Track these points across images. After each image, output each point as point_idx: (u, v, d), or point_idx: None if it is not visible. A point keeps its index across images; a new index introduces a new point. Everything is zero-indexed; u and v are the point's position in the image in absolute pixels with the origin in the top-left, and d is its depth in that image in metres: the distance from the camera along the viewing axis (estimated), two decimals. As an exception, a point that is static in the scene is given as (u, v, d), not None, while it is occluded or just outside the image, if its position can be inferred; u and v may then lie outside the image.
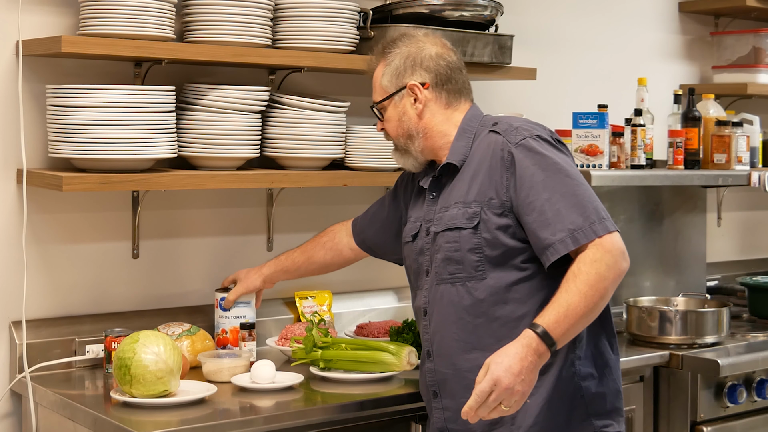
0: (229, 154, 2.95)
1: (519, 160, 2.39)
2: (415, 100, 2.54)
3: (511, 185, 2.39)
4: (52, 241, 2.96)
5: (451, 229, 2.46)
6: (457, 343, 2.45)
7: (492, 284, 2.41)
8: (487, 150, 2.46)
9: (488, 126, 2.51)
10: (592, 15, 4.19)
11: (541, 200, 2.34)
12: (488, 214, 2.41)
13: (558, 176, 2.35)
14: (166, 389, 2.56)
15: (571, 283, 2.26)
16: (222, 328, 3.06)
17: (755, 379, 3.46)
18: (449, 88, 2.56)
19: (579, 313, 2.25)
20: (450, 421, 2.49)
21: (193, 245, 3.22)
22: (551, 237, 2.32)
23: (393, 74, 2.56)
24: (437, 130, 2.55)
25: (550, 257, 2.33)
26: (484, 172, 2.44)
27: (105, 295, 3.06)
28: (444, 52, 2.57)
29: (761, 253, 4.79)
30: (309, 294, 3.35)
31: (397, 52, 2.56)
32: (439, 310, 2.49)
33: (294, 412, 2.58)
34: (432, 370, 2.52)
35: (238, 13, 2.93)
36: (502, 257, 2.41)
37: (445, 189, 2.54)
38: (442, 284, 2.48)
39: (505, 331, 2.39)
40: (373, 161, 3.22)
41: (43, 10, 2.91)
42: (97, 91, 2.73)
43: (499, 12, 3.38)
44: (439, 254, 2.48)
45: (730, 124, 4.08)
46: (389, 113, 2.58)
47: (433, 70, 2.54)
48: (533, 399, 2.39)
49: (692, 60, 4.55)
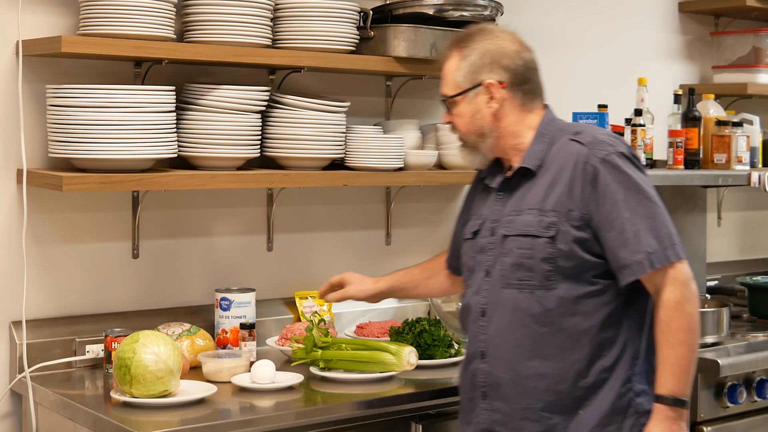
0: (229, 154, 2.95)
1: (603, 175, 2.37)
2: (490, 99, 2.48)
3: (593, 200, 2.37)
4: (52, 241, 2.96)
5: (524, 236, 2.42)
6: (519, 349, 2.42)
7: (561, 295, 2.39)
8: (568, 159, 2.42)
9: (568, 133, 2.47)
10: (592, 15, 4.19)
11: (622, 219, 2.34)
12: (566, 226, 2.38)
13: (638, 197, 2.36)
14: (166, 389, 2.56)
15: (668, 335, 2.33)
16: (222, 328, 3.06)
17: (755, 379, 3.46)
18: (525, 89, 2.50)
19: (689, 360, 2.34)
20: (498, 424, 2.46)
21: (193, 245, 3.22)
22: (629, 257, 2.34)
23: (469, 70, 2.48)
24: (510, 131, 2.50)
25: (627, 278, 2.35)
26: (564, 183, 2.41)
27: (105, 295, 3.06)
28: (522, 51, 2.51)
29: (761, 253, 4.79)
30: (309, 294, 3.35)
31: (475, 47, 2.48)
32: (502, 314, 2.45)
33: (294, 412, 2.58)
34: (485, 371, 2.48)
35: (238, 13, 2.93)
36: (574, 270, 2.39)
37: (516, 191, 2.49)
38: (509, 288, 2.44)
39: (569, 342, 2.39)
40: (373, 161, 3.22)
41: (43, 10, 2.91)
42: (97, 91, 2.73)
43: (499, 12, 3.38)
44: (509, 258, 2.44)
45: (730, 124, 4.08)
46: (461, 109, 2.52)
47: (511, 69, 2.48)
48: (589, 412, 2.39)
49: (692, 60, 4.55)
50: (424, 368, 2.97)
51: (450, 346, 3.07)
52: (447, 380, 2.90)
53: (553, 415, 2.40)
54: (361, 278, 2.93)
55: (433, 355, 3.03)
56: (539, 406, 2.40)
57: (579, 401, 2.39)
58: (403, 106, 3.63)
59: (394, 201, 3.61)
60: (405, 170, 3.33)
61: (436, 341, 3.03)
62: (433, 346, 3.03)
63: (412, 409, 2.77)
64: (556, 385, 2.39)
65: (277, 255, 3.37)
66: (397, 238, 3.64)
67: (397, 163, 3.27)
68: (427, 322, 3.07)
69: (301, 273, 3.43)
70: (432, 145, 3.50)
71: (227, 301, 3.07)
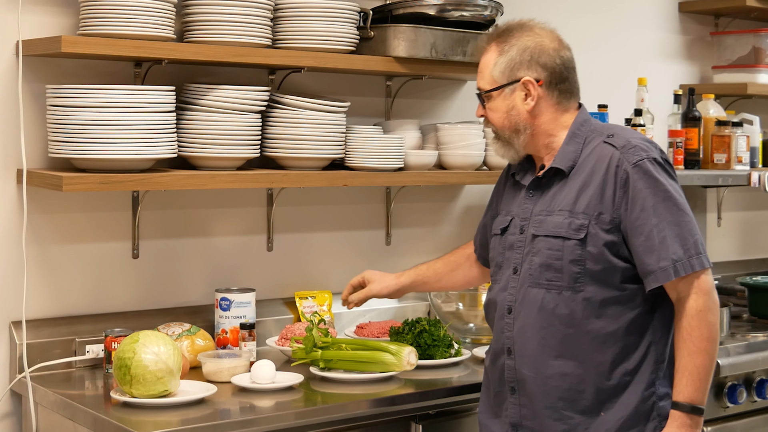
0: (229, 154, 2.95)
1: (634, 180, 2.38)
2: (526, 96, 2.48)
3: (623, 204, 2.39)
4: (52, 241, 2.96)
5: (554, 237, 2.43)
6: (543, 348, 2.44)
7: (588, 297, 2.40)
8: (601, 162, 2.43)
9: (602, 135, 2.48)
10: (591, 15, 4.19)
11: (650, 225, 2.36)
12: (596, 229, 2.40)
13: (666, 204, 2.37)
14: (166, 389, 2.56)
15: (689, 343, 2.35)
16: (222, 328, 3.06)
17: (755, 379, 3.46)
18: (562, 88, 2.50)
19: (707, 368, 2.36)
20: (526, 419, 2.48)
21: (193, 245, 3.22)
22: (655, 264, 2.35)
23: (507, 65, 2.49)
24: (544, 129, 2.51)
25: (652, 284, 2.37)
26: (596, 186, 2.42)
27: (105, 295, 3.06)
28: (561, 49, 2.51)
29: (761, 253, 4.79)
30: (309, 294, 3.35)
31: (514, 43, 2.49)
32: (528, 313, 2.46)
33: (294, 412, 2.58)
34: (512, 367, 2.50)
35: (238, 13, 2.93)
36: (602, 273, 2.40)
37: (547, 191, 2.50)
38: (536, 288, 2.45)
39: (594, 345, 2.41)
40: (373, 161, 3.22)
41: (43, 10, 2.91)
42: (97, 91, 2.73)
43: (499, 12, 3.38)
44: (537, 258, 2.46)
45: (730, 124, 4.08)
46: (496, 103, 2.52)
47: (549, 67, 2.48)
48: (611, 414, 2.41)
49: (692, 60, 4.55)
50: (424, 368, 2.97)
51: (450, 346, 3.07)
52: (447, 380, 2.90)
53: (574, 415, 2.42)
54: (382, 275, 2.94)
55: (433, 355, 3.03)
56: (561, 405, 2.42)
57: (601, 403, 2.41)
58: (403, 106, 3.63)
59: (394, 201, 3.61)
60: (405, 170, 3.33)
61: (436, 341, 3.03)
62: (433, 346, 3.03)
63: (412, 409, 2.77)
64: (579, 385, 2.41)
65: (277, 255, 3.37)
66: (397, 238, 3.64)
67: (397, 163, 3.27)
68: (427, 322, 3.07)
69: (301, 273, 3.43)
70: (432, 145, 3.50)
71: (227, 301, 3.07)
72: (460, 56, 3.30)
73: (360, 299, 2.95)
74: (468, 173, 3.47)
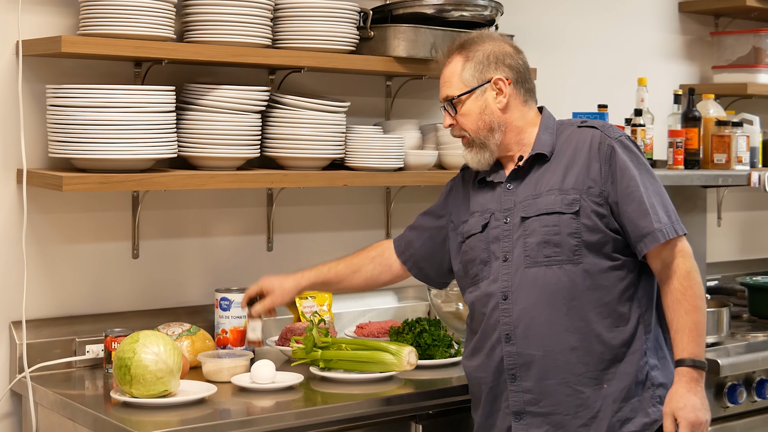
0: (229, 154, 2.95)
1: (618, 154, 2.54)
2: (498, 93, 2.61)
3: (609, 176, 2.53)
4: (52, 241, 2.96)
5: (548, 214, 2.54)
6: (550, 325, 2.51)
7: (587, 269, 2.51)
8: (582, 143, 2.58)
9: (573, 125, 2.65)
10: (592, 15, 4.18)
11: (639, 193, 2.51)
12: (587, 201, 2.52)
13: (647, 176, 2.56)
14: (166, 389, 2.56)
15: (684, 303, 2.50)
16: (222, 328, 3.06)
17: (755, 379, 3.46)
18: (527, 87, 2.66)
19: (703, 325, 2.51)
20: (530, 404, 2.53)
21: (193, 245, 3.22)
22: (650, 226, 2.50)
23: (476, 69, 2.61)
24: (515, 126, 2.63)
25: (649, 245, 2.50)
26: (581, 163, 2.56)
27: (105, 295, 3.06)
28: (519, 53, 2.67)
29: (761, 253, 4.79)
30: (309, 294, 3.34)
31: (478, 49, 2.63)
32: (529, 293, 2.53)
33: (294, 412, 2.58)
34: (513, 353, 2.54)
35: (238, 13, 2.93)
36: (597, 244, 2.52)
37: (527, 179, 2.60)
38: (535, 267, 2.53)
39: (593, 315, 2.51)
40: (373, 161, 3.22)
41: (43, 10, 2.91)
42: (97, 91, 2.73)
43: (499, 12, 3.38)
44: (532, 238, 2.54)
45: (730, 124, 4.08)
46: (468, 107, 2.62)
47: (514, 67, 2.63)
48: (614, 384, 2.51)
49: (692, 60, 4.55)
50: (424, 368, 2.97)
51: (450, 346, 3.07)
52: (447, 380, 2.90)
53: (584, 389, 2.51)
54: (280, 281, 2.85)
55: (433, 355, 3.03)
56: (572, 380, 2.50)
57: (603, 374, 2.51)
58: (403, 106, 3.63)
59: (394, 201, 3.61)
60: (405, 170, 3.33)
61: (436, 341, 3.03)
62: (433, 346, 3.03)
63: (412, 409, 2.77)
64: (585, 357, 2.51)
65: (277, 255, 3.37)
66: (397, 238, 3.64)
67: (397, 163, 3.27)
68: (427, 322, 3.07)
69: (301, 273, 3.42)
70: (432, 145, 3.50)
71: (227, 301, 3.07)
72: (460, 56, 3.30)
73: (263, 311, 2.84)
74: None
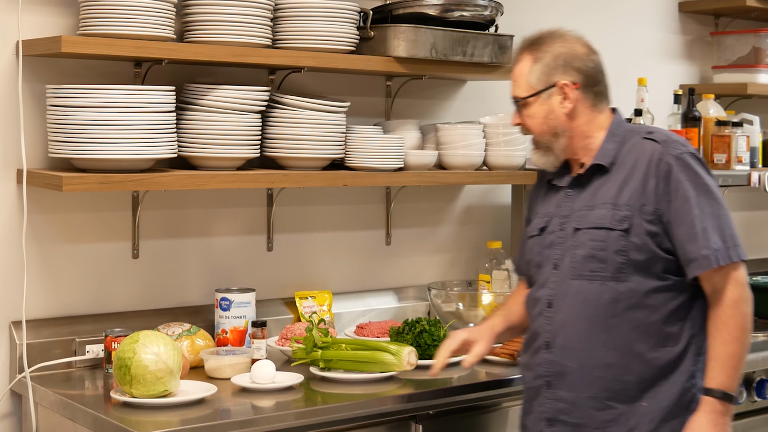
0: (229, 154, 2.95)
1: (676, 173, 2.46)
2: (564, 99, 2.55)
3: (665, 196, 2.46)
4: (52, 241, 2.96)
5: (597, 228, 2.49)
6: (587, 339, 2.48)
7: (632, 287, 2.46)
8: (642, 156, 2.51)
9: (640, 133, 2.56)
10: (592, 15, 4.18)
11: (692, 215, 2.43)
12: (640, 220, 2.46)
13: (706, 197, 2.46)
14: (166, 389, 2.56)
15: (723, 332, 2.43)
16: (222, 328, 3.06)
17: (755, 379, 3.46)
18: (596, 90, 2.58)
19: (740, 357, 2.44)
20: (562, 413, 2.52)
21: (193, 245, 3.22)
22: (697, 252, 2.43)
23: (543, 71, 2.56)
24: (581, 131, 2.57)
25: (695, 271, 2.44)
26: (638, 179, 2.49)
27: (105, 295, 3.06)
28: (591, 54, 2.60)
29: (761, 253, 4.79)
30: (309, 294, 3.35)
31: (547, 50, 2.57)
32: (571, 305, 2.51)
33: (294, 412, 2.59)
34: (549, 361, 2.53)
35: (238, 13, 2.93)
36: (645, 263, 2.46)
37: (587, 188, 2.56)
38: (578, 280, 2.50)
39: (636, 334, 2.46)
40: (373, 161, 3.22)
41: (43, 10, 2.91)
42: (97, 91, 2.73)
43: (499, 12, 3.38)
44: (580, 250, 2.51)
45: (730, 124, 4.08)
46: (534, 110, 2.58)
47: (583, 71, 2.56)
48: (654, 404, 2.46)
49: (692, 60, 4.55)
50: (424, 368, 2.96)
51: (450, 346, 3.07)
52: (447, 380, 2.90)
53: (618, 405, 2.47)
54: (480, 334, 2.75)
55: (433, 355, 3.03)
56: (605, 396, 2.47)
57: (643, 392, 2.47)
58: (403, 106, 3.63)
59: (394, 201, 3.61)
60: (405, 170, 3.33)
61: (436, 341, 3.03)
62: (433, 346, 3.03)
63: (412, 409, 2.77)
64: (622, 375, 2.46)
65: (277, 255, 3.37)
66: (397, 238, 3.64)
67: (397, 163, 3.27)
68: (427, 322, 3.07)
69: (301, 273, 3.43)
70: (432, 145, 3.50)
71: (227, 301, 3.07)
72: (460, 56, 3.30)
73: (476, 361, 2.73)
74: (468, 173, 3.47)
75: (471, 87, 3.80)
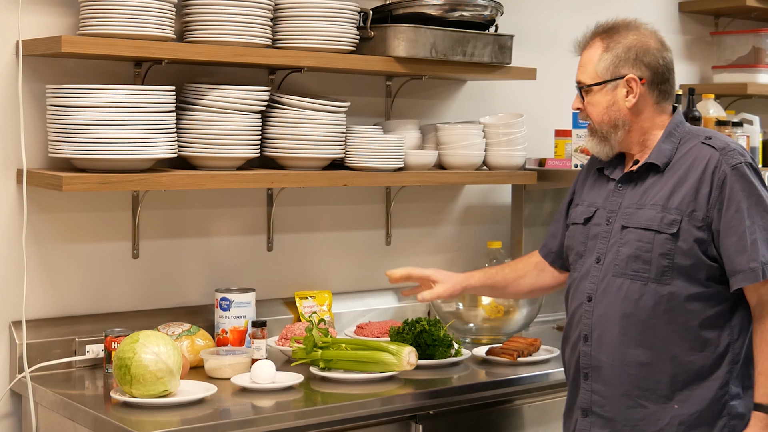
0: (229, 154, 2.95)
1: (731, 182, 2.44)
2: (628, 93, 2.53)
3: (717, 204, 2.43)
4: (52, 241, 2.96)
5: (645, 229, 2.47)
6: (624, 337, 2.48)
7: (673, 291, 2.44)
8: (698, 161, 2.48)
9: (699, 137, 2.53)
10: (592, 15, 4.16)
11: (743, 227, 2.41)
12: (688, 225, 2.44)
13: (759, 208, 2.43)
14: (166, 389, 2.56)
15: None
16: (222, 328, 3.07)
17: (755, 379, 3.45)
18: (662, 88, 2.57)
19: None
20: (596, 405, 2.52)
21: (193, 245, 3.22)
22: (745, 264, 2.40)
23: (612, 62, 2.54)
24: (641, 126, 2.55)
25: (740, 282, 2.41)
26: (691, 184, 2.46)
27: (105, 295, 3.06)
28: (663, 50, 2.58)
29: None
30: (309, 294, 3.35)
31: (620, 41, 2.55)
32: (610, 302, 2.50)
33: (294, 412, 2.59)
34: (587, 353, 2.54)
35: (238, 13, 2.93)
36: (690, 268, 2.44)
37: (638, 185, 2.54)
38: (621, 278, 2.49)
39: (674, 337, 2.45)
40: (373, 161, 3.22)
41: (43, 10, 2.91)
42: (97, 91, 2.73)
43: (499, 12, 3.38)
44: (625, 249, 2.49)
45: (730, 124, 4.08)
46: (597, 98, 2.56)
47: (652, 67, 2.54)
48: (685, 407, 2.45)
49: (692, 60, 4.55)
50: (424, 368, 2.97)
51: (450, 346, 3.07)
52: (447, 380, 2.90)
53: (649, 404, 2.46)
54: (448, 276, 2.85)
55: (432, 355, 3.03)
56: (636, 393, 2.47)
57: (675, 394, 2.46)
58: (403, 106, 3.63)
59: (394, 201, 3.61)
60: (405, 170, 3.33)
61: (436, 341, 3.03)
62: (433, 346, 3.03)
63: (412, 409, 2.77)
64: (655, 375, 2.46)
65: (277, 255, 3.37)
66: (397, 238, 3.64)
67: (397, 163, 3.27)
68: (427, 322, 3.07)
69: (301, 273, 3.43)
70: (432, 145, 3.50)
71: (227, 301, 3.07)
72: (460, 56, 3.30)
73: (431, 298, 2.83)
74: (468, 173, 3.47)
75: (471, 87, 3.80)
